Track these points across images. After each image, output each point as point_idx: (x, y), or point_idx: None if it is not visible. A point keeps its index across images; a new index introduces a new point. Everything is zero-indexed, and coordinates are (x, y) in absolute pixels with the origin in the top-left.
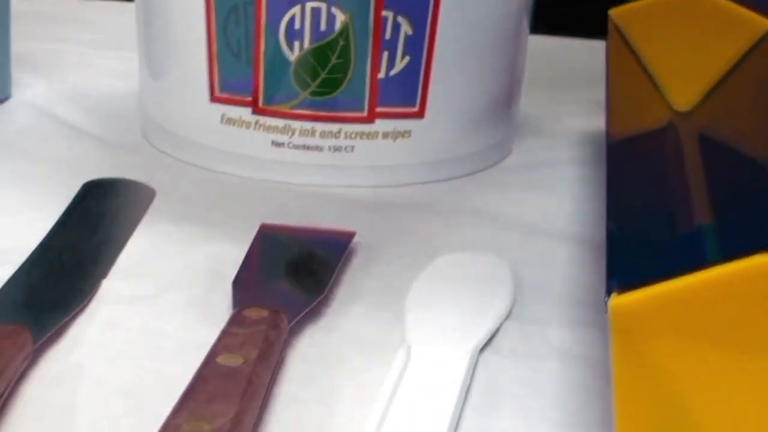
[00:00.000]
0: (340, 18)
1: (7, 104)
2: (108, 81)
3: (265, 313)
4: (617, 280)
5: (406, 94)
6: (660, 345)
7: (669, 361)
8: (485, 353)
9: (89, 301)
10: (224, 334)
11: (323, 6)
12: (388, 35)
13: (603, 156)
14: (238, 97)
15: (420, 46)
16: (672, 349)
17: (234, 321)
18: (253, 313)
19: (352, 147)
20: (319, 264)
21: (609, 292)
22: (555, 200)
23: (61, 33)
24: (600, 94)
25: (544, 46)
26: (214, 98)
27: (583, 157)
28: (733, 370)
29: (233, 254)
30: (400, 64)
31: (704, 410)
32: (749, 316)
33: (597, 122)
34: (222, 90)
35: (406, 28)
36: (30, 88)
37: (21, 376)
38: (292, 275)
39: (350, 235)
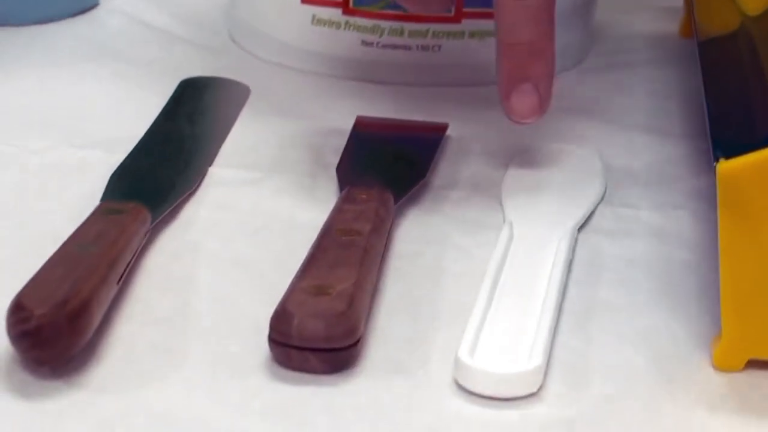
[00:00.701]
0: None
1: (96, 11)
2: None
3: (373, 192)
4: (722, 149)
5: None
6: (764, 204)
7: None
8: (583, 232)
9: (199, 185)
10: (338, 210)
11: None
12: None
13: (676, 58)
14: None
15: None
16: None
17: (346, 199)
18: (361, 192)
19: (440, 46)
20: (417, 151)
21: (716, 159)
22: (634, 97)
23: None
24: (667, 1)
25: None
26: (304, 0)
27: (658, 59)
28: None
29: (332, 144)
30: None
31: None
32: None
33: (669, 27)
34: None
35: None
36: None
37: (142, 251)
38: (392, 161)
39: (444, 127)
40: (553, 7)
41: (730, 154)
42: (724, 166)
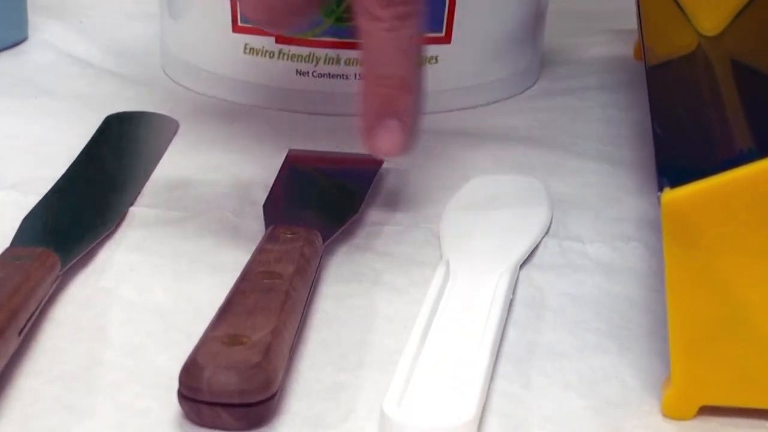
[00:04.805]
0: None
1: (24, 45)
2: (122, 21)
3: (299, 230)
4: (667, 177)
5: (432, 19)
6: (712, 237)
7: (720, 253)
8: (526, 268)
9: (117, 227)
10: (260, 250)
11: None
12: None
13: (630, 82)
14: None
15: None
16: (723, 241)
17: (269, 238)
18: (287, 231)
19: None
20: (350, 187)
21: (661, 189)
22: (584, 123)
23: None
24: (623, 23)
25: None
26: (236, 29)
27: (610, 84)
28: None
29: (261, 179)
30: None
31: (756, 301)
32: None
33: (622, 50)
34: (244, 20)
35: None
36: (46, 30)
37: (50, 300)
38: (323, 198)
39: (380, 160)
40: (422, 37)
41: (676, 183)
42: (669, 196)
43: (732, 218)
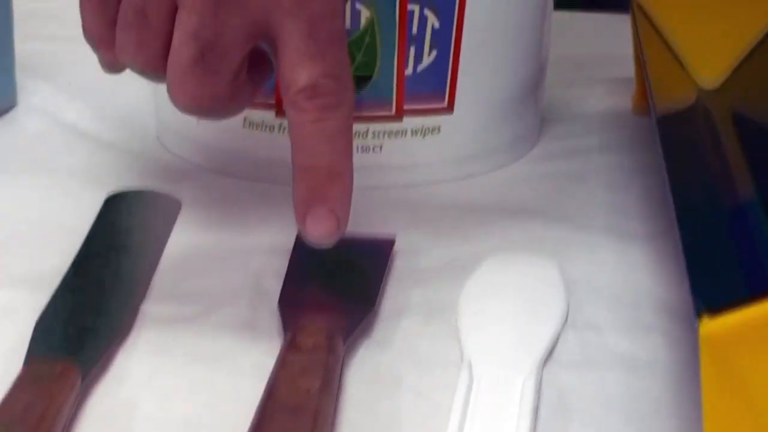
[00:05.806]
0: (365, 14)
1: (14, 112)
2: (115, 79)
3: (320, 338)
4: (703, 298)
5: (434, 89)
6: (752, 365)
7: (761, 381)
8: (548, 365)
9: (131, 328)
10: (282, 363)
11: (347, 2)
12: (414, 30)
13: (631, 141)
14: (260, 100)
15: (447, 39)
16: (764, 369)
17: (289, 348)
18: (307, 338)
19: (381, 146)
20: (364, 273)
21: (698, 312)
22: (590, 191)
23: (61, 32)
24: (620, 70)
25: (562, 21)
26: None
27: (612, 143)
28: None
29: (273, 266)
30: (427, 59)
31: None
32: None
33: (620, 102)
34: None
35: (432, 21)
36: (36, 93)
37: (73, 415)
38: (338, 288)
39: (391, 242)
40: (351, 125)
41: (713, 304)
42: (709, 326)
43: None
